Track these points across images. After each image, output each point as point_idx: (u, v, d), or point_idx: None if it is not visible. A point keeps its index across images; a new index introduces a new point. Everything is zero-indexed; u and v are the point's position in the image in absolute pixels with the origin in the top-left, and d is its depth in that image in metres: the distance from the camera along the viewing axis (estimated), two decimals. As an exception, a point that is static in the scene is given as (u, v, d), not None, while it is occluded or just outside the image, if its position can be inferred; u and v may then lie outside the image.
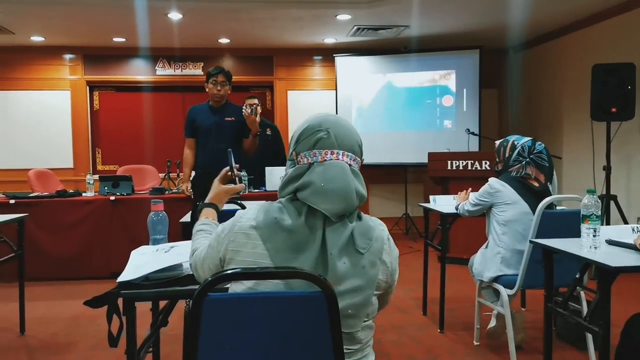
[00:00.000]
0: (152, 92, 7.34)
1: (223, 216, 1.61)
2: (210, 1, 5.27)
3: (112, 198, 5.01)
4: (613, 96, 4.78)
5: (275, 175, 5.04)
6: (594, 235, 2.09)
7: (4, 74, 6.97)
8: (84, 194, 5.20)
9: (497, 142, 3.19)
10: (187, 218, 3.13)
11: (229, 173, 1.77)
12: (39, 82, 7.06)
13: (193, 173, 4.44)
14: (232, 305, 1.15)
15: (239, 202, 2.35)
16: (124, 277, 1.62)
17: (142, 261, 1.75)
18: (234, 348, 1.14)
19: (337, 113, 7.23)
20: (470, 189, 3.56)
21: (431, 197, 3.92)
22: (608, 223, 4.89)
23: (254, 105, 4.10)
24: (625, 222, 4.78)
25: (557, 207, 3.11)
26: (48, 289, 4.69)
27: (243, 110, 4.00)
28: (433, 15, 5.77)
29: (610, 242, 2.22)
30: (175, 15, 5.61)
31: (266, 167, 5.02)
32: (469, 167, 5.45)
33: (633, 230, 2.33)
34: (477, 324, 3.30)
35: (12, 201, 4.85)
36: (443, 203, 3.80)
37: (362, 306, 1.25)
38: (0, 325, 3.69)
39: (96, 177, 5.39)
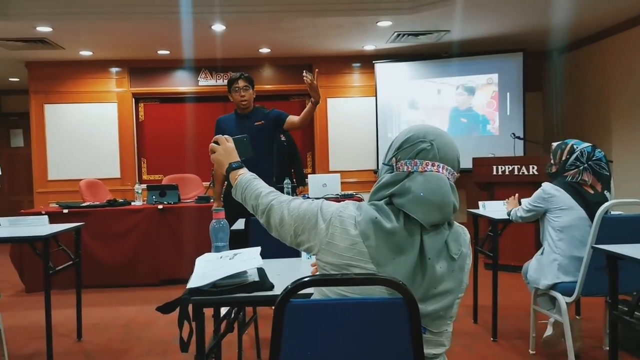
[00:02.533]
0: (194, 103, 7.49)
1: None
2: (253, 12, 5.35)
3: (160, 207, 5.12)
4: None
5: (317, 183, 5.04)
6: (663, 241, 2.02)
7: (55, 87, 7.24)
8: (132, 203, 5.34)
9: (555, 144, 3.10)
10: (240, 225, 3.17)
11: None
12: (87, 95, 7.31)
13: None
14: (314, 311, 1.16)
15: None
16: (192, 284, 1.66)
17: (209, 268, 1.78)
18: (315, 354, 1.15)
19: (377, 119, 7.24)
20: (517, 194, 3.50)
21: (480, 203, 3.85)
22: (664, 228, 4.71)
23: (315, 71, 3.77)
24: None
25: (611, 212, 3.02)
26: (101, 296, 4.82)
27: (304, 77, 3.72)
28: (475, 19, 5.71)
29: (679, 248, 2.15)
30: (218, 27, 5.72)
31: (309, 175, 5.04)
32: (515, 172, 5.36)
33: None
34: (532, 332, 3.23)
35: (65, 211, 5.01)
36: (493, 209, 3.73)
37: (449, 308, 1.30)
38: (59, 331, 3.80)
39: (144, 186, 5.52)
